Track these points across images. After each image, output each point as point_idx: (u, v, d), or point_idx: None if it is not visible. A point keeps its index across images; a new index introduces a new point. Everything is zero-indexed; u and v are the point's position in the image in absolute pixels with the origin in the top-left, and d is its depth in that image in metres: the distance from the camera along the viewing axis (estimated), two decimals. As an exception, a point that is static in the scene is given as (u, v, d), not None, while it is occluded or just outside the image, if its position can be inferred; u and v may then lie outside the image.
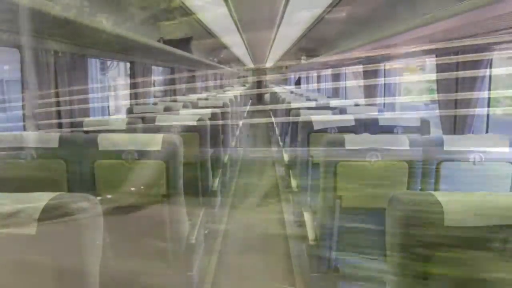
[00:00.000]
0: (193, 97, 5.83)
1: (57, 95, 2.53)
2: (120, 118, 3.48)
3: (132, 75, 4.40)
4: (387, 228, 0.98)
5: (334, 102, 4.66)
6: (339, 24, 4.21)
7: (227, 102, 4.53)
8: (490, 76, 2.43)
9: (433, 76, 2.78)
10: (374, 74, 4.42)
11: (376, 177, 1.81)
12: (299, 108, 3.69)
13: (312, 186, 2.63)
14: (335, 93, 6.90)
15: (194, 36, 5.06)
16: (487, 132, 2.52)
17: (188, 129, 2.74)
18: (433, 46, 2.75)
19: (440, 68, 2.67)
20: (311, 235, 2.00)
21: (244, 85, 14.20)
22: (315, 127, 2.71)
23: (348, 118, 2.76)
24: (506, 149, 1.79)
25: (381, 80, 4.40)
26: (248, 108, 10.27)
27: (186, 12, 3.80)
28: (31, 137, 1.96)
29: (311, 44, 7.07)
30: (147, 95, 4.60)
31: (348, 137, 1.86)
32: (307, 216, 2.18)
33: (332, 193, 1.84)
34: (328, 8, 3.62)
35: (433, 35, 2.29)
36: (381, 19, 3.24)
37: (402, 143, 1.82)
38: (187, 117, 2.84)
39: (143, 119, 2.85)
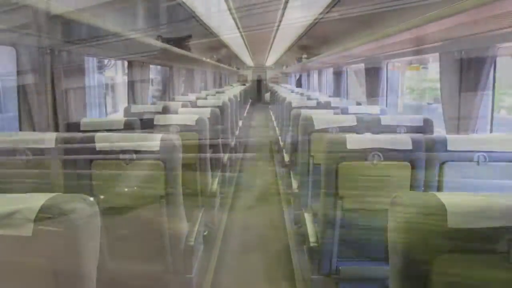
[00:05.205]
0: (191, 96, 5.80)
1: (53, 94, 2.50)
2: (118, 118, 3.46)
3: (130, 74, 4.37)
4: (389, 229, 0.96)
5: (335, 101, 4.64)
6: (340, 22, 4.18)
7: (227, 101, 4.50)
8: (494, 75, 2.40)
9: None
10: (376, 73, 4.38)
11: (378, 177, 1.79)
12: (300, 107, 3.67)
13: (313, 186, 2.60)
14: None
15: (193, 34, 5.03)
16: (491, 131, 2.49)
17: (187, 129, 2.72)
18: (434, 45, 2.72)
19: (443, 67, 2.63)
20: (312, 236, 1.98)
21: (244, 84, 14.17)
22: (316, 127, 2.68)
23: (350, 118, 2.73)
24: (511, 149, 1.77)
25: (383, 80, 4.36)
26: (248, 105, 10.29)
27: (185, 10, 3.77)
28: (27, 137, 1.94)
29: (311, 43, 7.04)
30: (145, 94, 4.57)
31: (350, 137, 1.84)
32: (308, 217, 2.15)
33: (333, 194, 1.81)
34: (329, 6, 3.59)
35: (435, 33, 2.26)
36: (383, 17, 3.21)
37: (405, 143, 1.79)
38: (185, 116, 2.81)
39: (141, 119, 2.82)
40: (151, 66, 4.91)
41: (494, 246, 0.85)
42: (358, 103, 4.49)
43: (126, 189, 1.84)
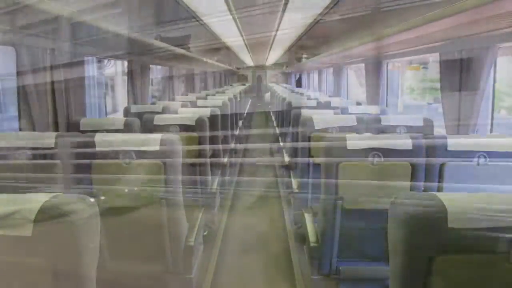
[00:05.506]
0: (191, 96, 5.81)
1: (53, 94, 2.50)
2: (117, 117, 3.46)
3: (130, 74, 4.36)
4: (390, 230, 0.96)
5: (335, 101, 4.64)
6: (340, 22, 4.18)
7: (227, 101, 4.51)
8: (494, 75, 2.40)
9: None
10: (376, 73, 4.37)
11: (378, 178, 1.78)
12: (299, 107, 3.67)
13: (313, 187, 2.60)
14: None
15: (193, 35, 5.03)
16: (491, 132, 2.49)
17: (187, 129, 2.72)
18: (434, 45, 2.72)
19: (443, 67, 2.63)
20: (312, 236, 1.98)
21: (244, 84, 14.16)
22: (316, 127, 2.68)
23: (349, 118, 2.73)
24: (511, 149, 1.76)
25: (383, 79, 4.35)
26: (248, 105, 10.32)
27: (185, 10, 3.77)
28: (27, 137, 1.94)
29: (311, 43, 7.04)
30: (145, 94, 4.57)
31: (350, 137, 1.83)
32: (308, 217, 2.15)
33: (333, 194, 1.81)
34: (329, 6, 3.59)
35: (435, 33, 2.26)
36: (383, 17, 3.21)
37: (405, 143, 1.79)
38: (185, 116, 2.81)
39: (141, 119, 2.82)
40: (151, 66, 4.91)
41: (494, 246, 0.85)
42: (358, 103, 4.49)
43: (126, 190, 1.84)
